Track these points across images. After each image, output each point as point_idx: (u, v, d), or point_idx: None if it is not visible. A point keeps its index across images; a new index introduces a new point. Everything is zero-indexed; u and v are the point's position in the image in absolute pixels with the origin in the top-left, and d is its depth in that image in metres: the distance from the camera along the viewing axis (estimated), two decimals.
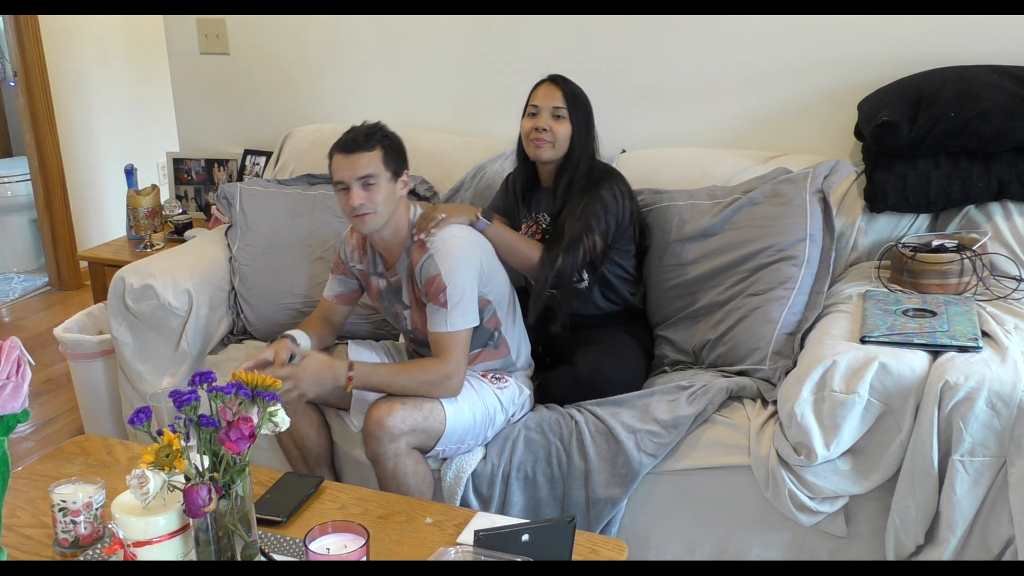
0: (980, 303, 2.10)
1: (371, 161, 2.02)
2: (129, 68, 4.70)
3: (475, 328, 2.13)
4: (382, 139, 2.05)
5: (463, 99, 3.02)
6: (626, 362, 2.29)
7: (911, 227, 2.39)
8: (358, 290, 2.31)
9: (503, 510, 2.11)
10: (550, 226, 2.39)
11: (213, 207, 3.11)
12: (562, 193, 2.32)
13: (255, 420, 1.46)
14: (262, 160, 3.25)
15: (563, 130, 2.29)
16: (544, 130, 2.29)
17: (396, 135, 2.10)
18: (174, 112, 3.48)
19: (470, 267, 2.07)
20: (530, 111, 2.34)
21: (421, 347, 2.28)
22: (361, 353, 2.31)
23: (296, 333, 2.18)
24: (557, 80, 2.32)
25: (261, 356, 2.05)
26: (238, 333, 2.67)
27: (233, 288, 2.66)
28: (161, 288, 2.47)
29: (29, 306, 4.44)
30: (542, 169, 2.40)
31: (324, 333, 2.28)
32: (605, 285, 2.37)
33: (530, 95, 2.35)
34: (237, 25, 3.25)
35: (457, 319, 2.04)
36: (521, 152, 2.41)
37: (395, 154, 2.07)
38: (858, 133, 2.49)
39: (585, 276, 2.34)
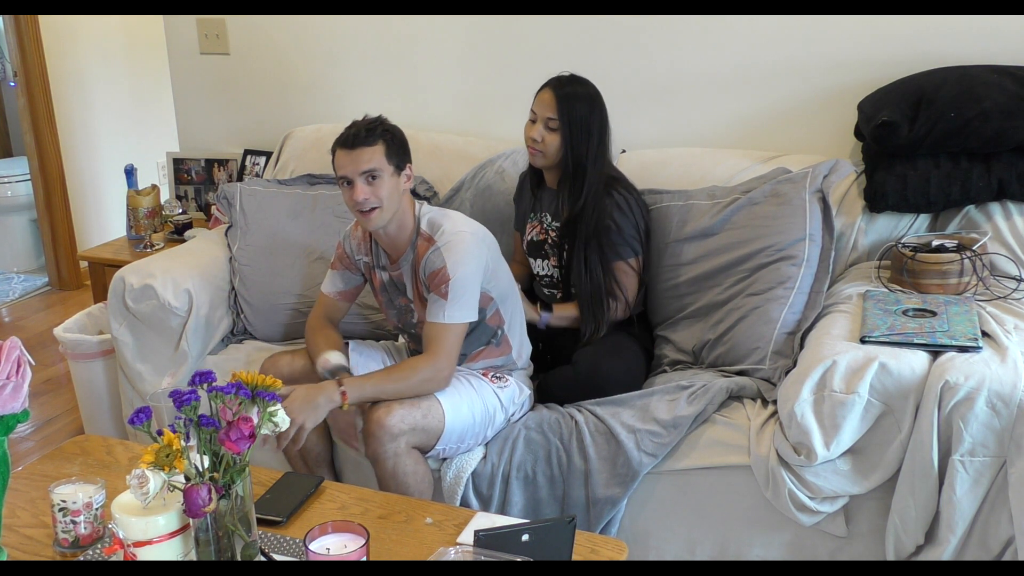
0: (980, 303, 2.10)
1: (374, 155, 2.02)
2: (129, 68, 4.69)
3: (479, 325, 2.13)
4: (383, 133, 2.05)
5: (463, 99, 3.01)
6: (626, 362, 2.29)
7: (911, 227, 2.39)
8: (361, 284, 2.30)
9: (503, 510, 2.11)
10: (550, 227, 2.39)
11: (213, 207, 3.11)
12: (566, 202, 2.31)
13: (255, 420, 1.46)
14: (262, 160, 3.25)
15: (553, 141, 2.29)
16: (536, 140, 2.30)
17: (398, 129, 2.10)
18: (174, 112, 3.48)
19: (476, 263, 2.06)
20: (530, 116, 2.34)
21: (422, 345, 2.27)
22: (362, 353, 2.30)
23: (333, 356, 2.14)
24: (556, 86, 2.29)
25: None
26: (238, 333, 2.67)
27: (233, 288, 2.66)
28: (161, 288, 2.47)
29: (29, 306, 4.44)
30: (545, 172, 2.41)
31: (338, 337, 2.25)
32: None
33: (536, 95, 2.34)
34: (237, 25, 3.25)
35: (456, 312, 2.03)
36: None
37: (397, 148, 2.07)
38: (858, 133, 2.49)
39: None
